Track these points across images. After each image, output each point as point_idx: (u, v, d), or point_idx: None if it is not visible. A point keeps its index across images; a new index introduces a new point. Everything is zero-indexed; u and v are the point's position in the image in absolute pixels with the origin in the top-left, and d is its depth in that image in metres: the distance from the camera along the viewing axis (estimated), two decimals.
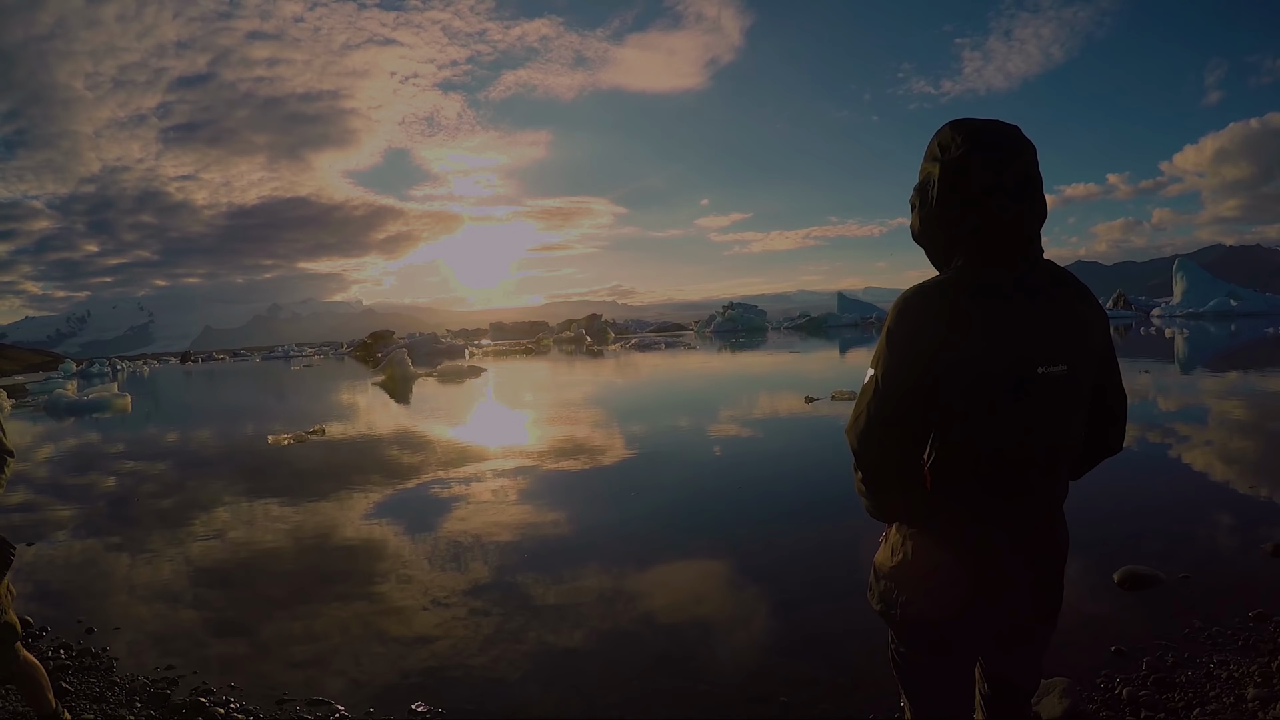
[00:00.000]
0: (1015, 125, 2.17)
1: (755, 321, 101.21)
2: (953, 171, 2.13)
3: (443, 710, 4.70)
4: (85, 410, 32.20)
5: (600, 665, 5.21)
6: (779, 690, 4.70)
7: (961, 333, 2.02)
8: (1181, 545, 6.85)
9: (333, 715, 4.69)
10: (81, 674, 5.42)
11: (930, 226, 2.21)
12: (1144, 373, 22.26)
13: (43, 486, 13.96)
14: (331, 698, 4.90)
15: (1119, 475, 9.59)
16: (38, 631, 6.36)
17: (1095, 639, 5.11)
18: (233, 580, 7.63)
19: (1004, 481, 2.12)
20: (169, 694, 5.04)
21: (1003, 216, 2.10)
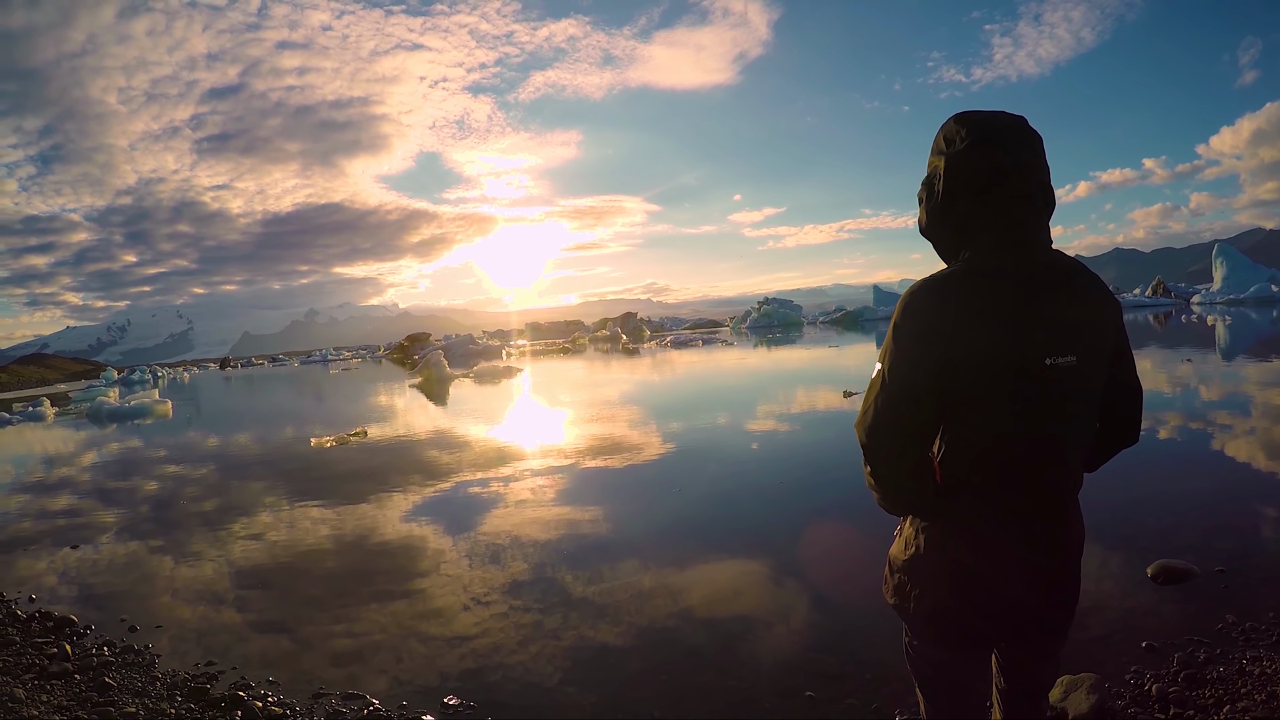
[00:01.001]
0: (1021, 116, 2.16)
1: (791, 316, 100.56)
2: (958, 165, 2.14)
3: (474, 704, 4.80)
4: (127, 416, 32.60)
5: (637, 662, 5.28)
6: (806, 685, 4.73)
7: (968, 326, 2.03)
8: (1218, 537, 6.71)
9: (367, 708, 4.81)
10: (124, 670, 5.63)
11: (936, 220, 2.23)
12: (1186, 361, 21.66)
13: (87, 491, 14.44)
14: (369, 693, 5.03)
15: (1157, 465, 9.54)
16: (82, 630, 6.61)
17: (1127, 634, 5.07)
18: (273, 580, 7.79)
19: (1014, 474, 2.12)
20: (209, 688, 5.20)
21: (1008, 208, 2.11)
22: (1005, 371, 2.03)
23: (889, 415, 2.12)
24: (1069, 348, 2.06)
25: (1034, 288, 2.07)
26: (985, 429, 2.09)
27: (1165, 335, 36.01)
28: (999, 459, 2.11)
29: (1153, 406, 14.03)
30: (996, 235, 2.12)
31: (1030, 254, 2.12)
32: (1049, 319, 2.06)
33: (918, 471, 2.15)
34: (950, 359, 2.03)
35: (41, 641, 6.32)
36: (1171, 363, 21.66)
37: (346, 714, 4.76)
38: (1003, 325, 2.02)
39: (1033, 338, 2.04)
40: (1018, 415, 2.07)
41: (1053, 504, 2.19)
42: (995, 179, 2.10)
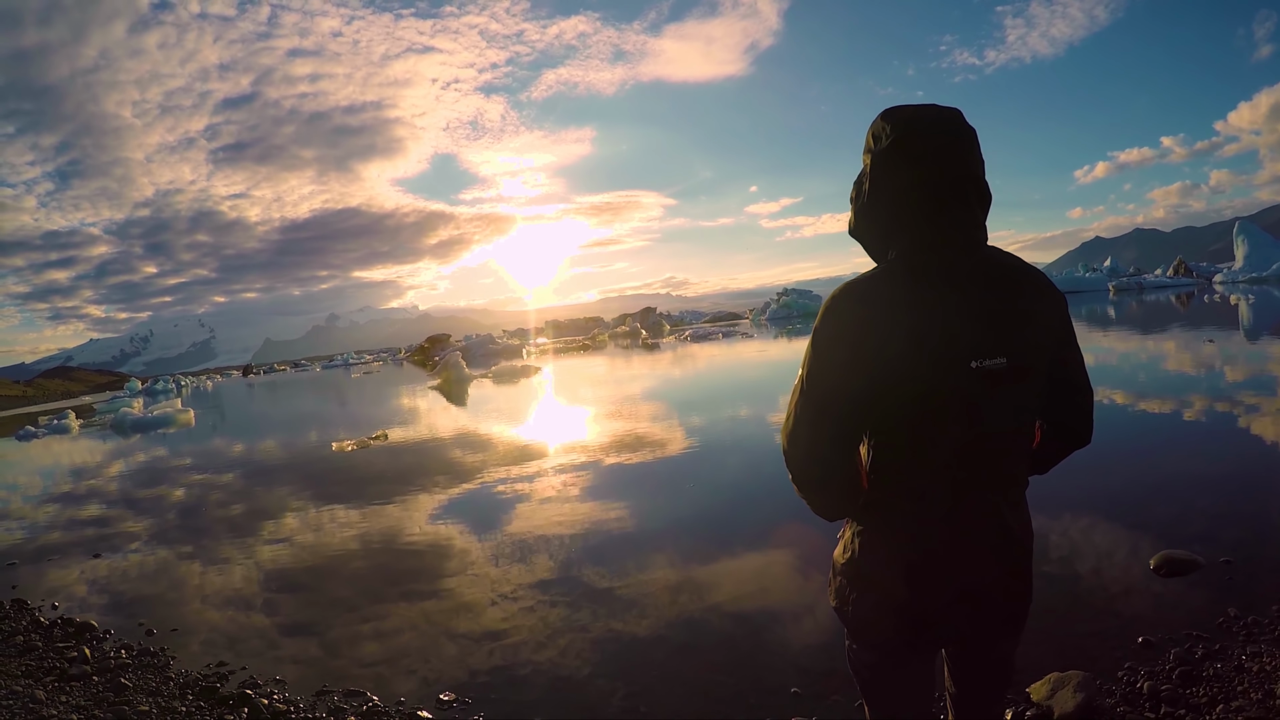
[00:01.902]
0: (954, 109, 2.09)
1: (811, 307, 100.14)
2: (881, 163, 2.09)
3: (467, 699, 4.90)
4: (150, 426, 33.01)
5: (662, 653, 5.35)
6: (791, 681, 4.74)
7: (889, 330, 1.98)
8: (1227, 526, 6.57)
9: (366, 704, 5.00)
10: (140, 671, 5.89)
11: (863, 221, 2.18)
12: (1208, 342, 21.43)
13: (109, 501, 14.84)
14: (397, 691, 5.20)
15: (1170, 450, 9.47)
16: (102, 635, 6.91)
17: (1123, 629, 4.98)
18: (289, 583, 8.04)
19: (945, 478, 2.08)
20: (219, 687, 5.45)
21: (933, 207, 2.05)
22: (928, 375, 1.98)
23: (809, 422, 2.08)
24: (998, 349, 2.00)
25: (960, 288, 2.02)
26: (911, 433, 2.05)
27: (1187, 316, 35.52)
28: (927, 463, 2.07)
29: (1172, 388, 13.95)
30: (921, 235, 2.06)
31: (957, 253, 2.05)
32: (975, 320, 2.00)
33: (842, 477, 2.11)
34: (871, 363, 1.99)
35: (63, 646, 6.59)
36: (1194, 344, 21.44)
37: (347, 710, 4.94)
38: (926, 328, 1.98)
39: (957, 340, 1.98)
40: (946, 419, 2.02)
41: (986, 507, 2.12)
42: (919, 177, 2.04)
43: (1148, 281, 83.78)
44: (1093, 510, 7.38)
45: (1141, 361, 19.30)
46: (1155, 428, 10.94)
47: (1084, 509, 7.44)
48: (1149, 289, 77.26)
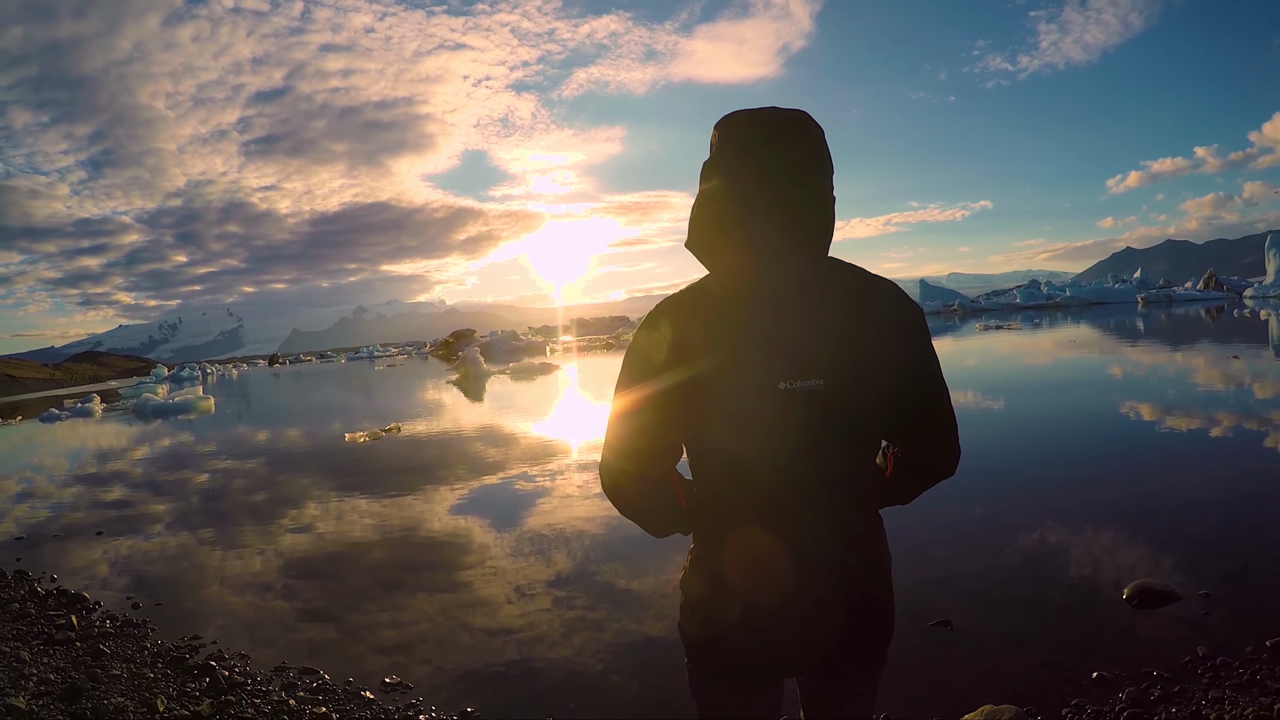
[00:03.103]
0: (797, 112, 1.95)
1: None
2: (708, 171, 1.98)
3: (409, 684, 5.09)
4: (171, 412, 33.39)
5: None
6: None
7: (698, 348, 1.89)
8: (1214, 556, 6.28)
9: (317, 682, 5.29)
10: (120, 640, 6.33)
11: (694, 232, 2.04)
12: (1234, 358, 21.07)
13: (120, 483, 15.31)
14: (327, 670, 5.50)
15: (1168, 471, 9.22)
16: (92, 606, 7.38)
17: (1079, 662, 4.75)
18: (272, 565, 8.40)
19: (764, 504, 1.97)
20: (187, 658, 5.84)
21: (756, 218, 1.92)
22: (735, 396, 1.88)
23: (622, 440, 1.98)
24: (813, 370, 1.87)
25: (775, 305, 1.90)
26: (726, 456, 1.96)
27: (1216, 330, 35.04)
28: (745, 487, 1.97)
29: (1187, 405, 13.69)
30: (740, 249, 1.95)
31: (779, 268, 1.93)
32: (788, 339, 1.88)
33: (658, 497, 2.04)
34: (680, 382, 1.89)
35: (54, 614, 7.06)
36: (1220, 359, 21.11)
37: (298, 685, 5.24)
38: (734, 346, 1.88)
39: (765, 360, 1.87)
40: (753, 442, 1.91)
41: (819, 536, 1.97)
42: (739, 188, 1.92)
43: (1177, 294, 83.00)
44: (1073, 529, 7.21)
45: (1162, 376, 19.01)
46: (1159, 446, 10.69)
47: (1064, 526, 7.28)
48: (1178, 301, 76.56)
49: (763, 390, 1.87)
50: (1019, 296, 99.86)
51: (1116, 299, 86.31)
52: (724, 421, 1.91)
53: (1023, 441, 11.92)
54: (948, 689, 4.63)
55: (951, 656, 5.03)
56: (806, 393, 1.87)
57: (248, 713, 4.86)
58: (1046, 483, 9.20)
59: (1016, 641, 5.14)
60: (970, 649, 5.10)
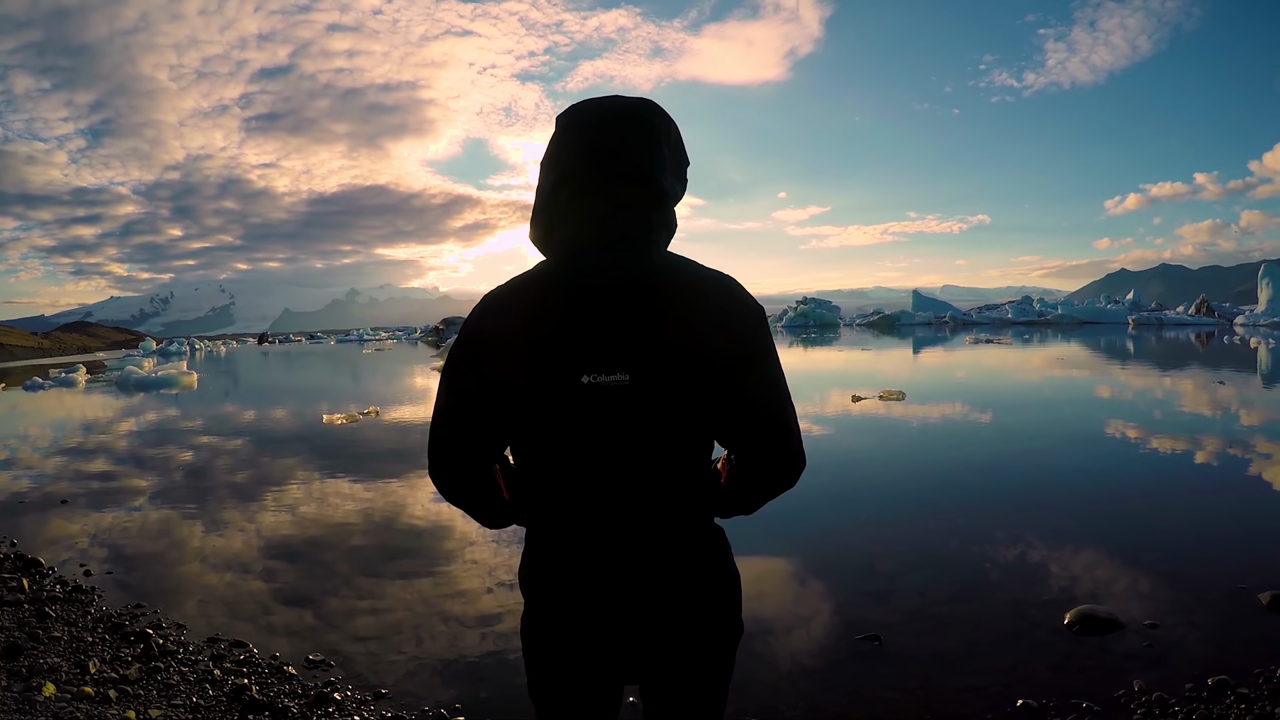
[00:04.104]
0: (638, 101, 1.93)
1: (827, 317, 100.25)
2: (543, 160, 1.96)
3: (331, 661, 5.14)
4: (152, 386, 33.28)
5: None
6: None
7: (511, 339, 1.87)
8: (1167, 586, 6.08)
9: (244, 654, 5.43)
10: (66, 604, 6.50)
11: (532, 226, 1.99)
12: (1220, 384, 21.15)
13: (90, 453, 15.37)
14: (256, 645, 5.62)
15: (1133, 495, 8.99)
16: (46, 571, 7.52)
17: (1006, 689, 4.53)
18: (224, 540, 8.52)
19: (574, 499, 1.93)
20: (126, 625, 5.97)
21: (576, 208, 1.88)
22: (541, 388, 1.86)
23: (441, 428, 1.99)
24: (619, 365, 1.82)
25: (586, 297, 1.86)
26: (537, 448, 1.93)
27: (1204, 356, 35.09)
28: (557, 482, 1.94)
29: (1162, 428, 13.55)
30: (563, 240, 1.90)
31: (595, 259, 1.86)
32: (595, 332, 1.84)
33: (477, 488, 2.01)
34: (493, 373, 1.89)
35: (7, 577, 7.19)
36: (1207, 385, 21.08)
37: (225, 657, 5.38)
38: (542, 338, 1.85)
39: (570, 352, 1.84)
40: (560, 435, 1.88)
41: (635, 538, 1.93)
42: (564, 177, 1.89)
43: (1168, 318, 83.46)
44: (1027, 549, 7.02)
45: (1142, 398, 18.92)
46: (1130, 469, 10.54)
47: (1018, 546, 7.10)
48: (1169, 325, 76.93)
49: (566, 384, 1.84)
50: (1011, 312, 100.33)
51: (1108, 319, 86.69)
52: (531, 414, 1.89)
53: (989, 457, 11.74)
54: (865, 707, 4.47)
55: (875, 673, 4.85)
56: (611, 388, 1.83)
57: (173, 679, 5.03)
58: (1007, 500, 9.00)
59: (946, 663, 4.93)
60: (896, 667, 4.92)
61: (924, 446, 12.70)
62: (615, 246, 1.85)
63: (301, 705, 4.69)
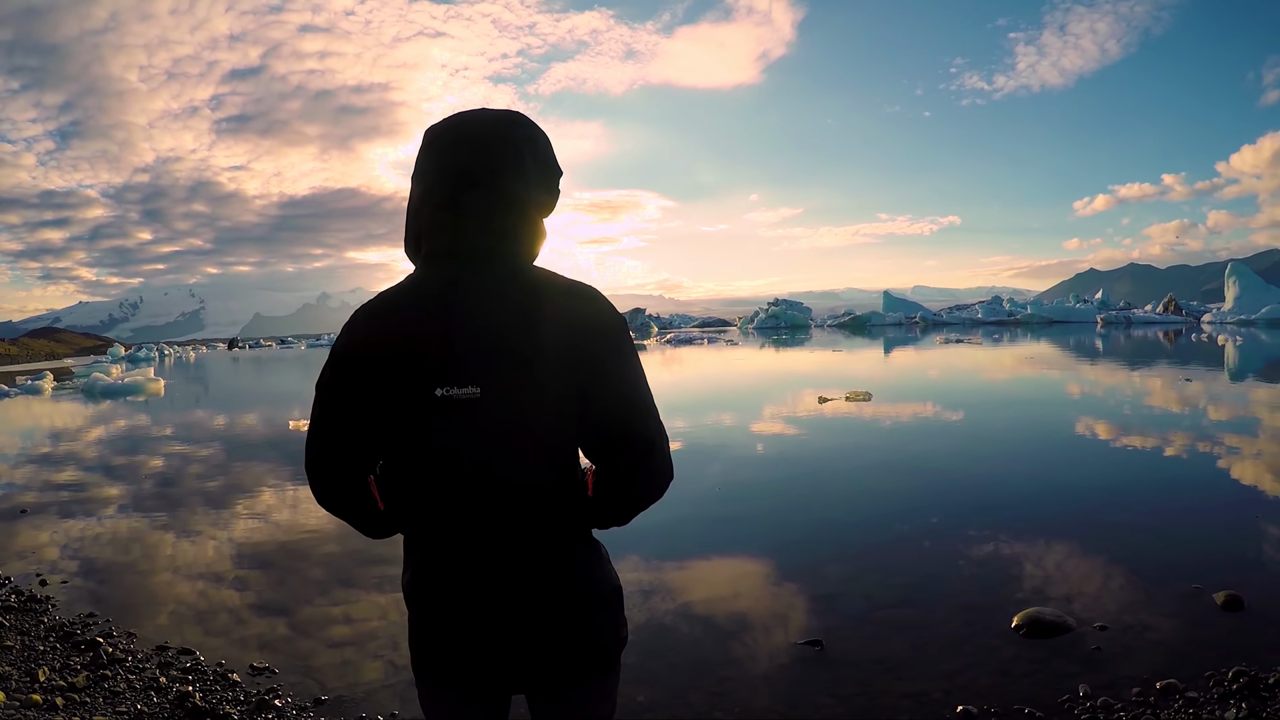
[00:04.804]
0: (501, 113, 1.99)
1: (799, 318, 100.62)
2: (413, 173, 2.01)
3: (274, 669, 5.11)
4: (119, 394, 32.96)
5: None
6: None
7: (373, 348, 1.90)
8: (1116, 585, 5.98)
9: (190, 661, 5.45)
10: (20, 614, 6.50)
11: (405, 233, 2.04)
12: (1187, 381, 21.28)
13: (51, 463, 15.11)
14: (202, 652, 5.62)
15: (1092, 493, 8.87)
16: (1, 581, 7.48)
17: (947, 694, 4.41)
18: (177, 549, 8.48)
19: (445, 514, 1.92)
20: (78, 633, 5.99)
21: (437, 219, 1.93)
22: (401, 403, 1.88)
23: (314, 442, 1.99)
24: (471, 378, 1.84)
25: (442, 311, 1.87)
26: (404, 462, 1.94)
27: (1171, 353, 35.39)
28: (424, 494, 1.93)
29: (1131, 426, 13.52)
30: (426, 251, 1.95)
31: (453, 272, 1.91)
32: (449, 346, 1.85)
33: (351, 499, 2.00)
34: (359, 388, 1.91)
35: None
36: (1174, 383, 21.16)
37: (173, 665, 5.38)
38: (401, 352, 1.87)
39: (425, 366, 1.85)
40: (423, 450, 1.89)
41: (490, 549, 1.92)
42: (430, 185, 1.95)
43: (1136, 317, 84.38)
44: (979, 550, 6.88)
45: (1106, 396, 18.97)
46: (1089, 468, 10.44)
47: (970, 547, 6.96)
48: (1137, 324, 77.77)
49: (422, 397, 1.86)
50: (981, 312, 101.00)
51: (1077, 318, 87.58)
52: (395, 426, 1.91)
53: (950, 457, 11.62)
54: (800, 713, 4.34)
55: (815, 679, 4.71)
56: (465, 401, 1.85)
57: (120, 686, 5.06)
58: (965, 500, 8.84)
59: (888, 668, 4.79)
60: (836, 672, 4.78)
61: (885, 448, 12.58)
62: (473, 260, 1.91)
63: (243, 712, 4.71)
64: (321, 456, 1.99)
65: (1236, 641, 4.99)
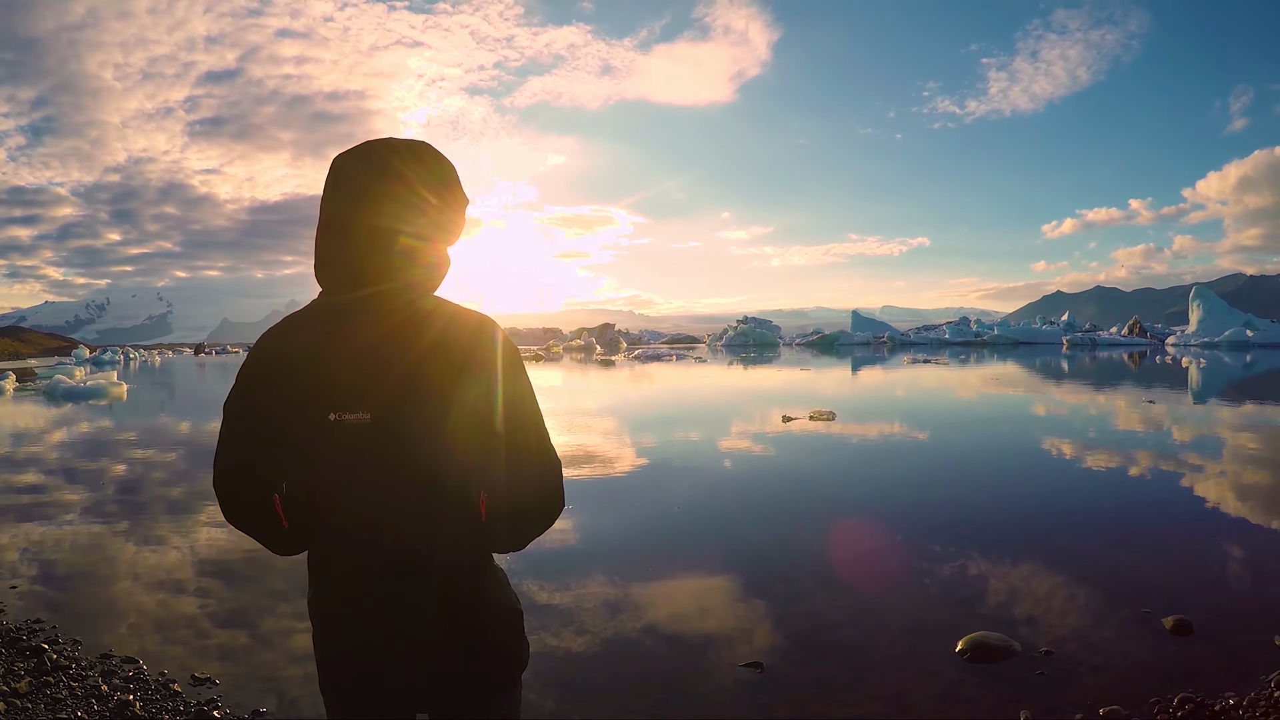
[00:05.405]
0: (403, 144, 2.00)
1: (768, 337, 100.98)
2: (321, 201, 2.05)
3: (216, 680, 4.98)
4: (81, 397, 32.46)
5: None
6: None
7: (275, 372, 1.95)
8: (1064, 609, 5.90)
9: (133, 669, 5.37)
10: None
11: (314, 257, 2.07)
12: (1150, 403, 21.55)
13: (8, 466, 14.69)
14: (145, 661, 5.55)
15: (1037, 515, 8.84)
16: None
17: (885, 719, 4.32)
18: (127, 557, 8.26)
19: (338, 535, 1.98)
20: (24, 639, 5.89)
21: (336, 248, 1.99)
22: (297, 423, 1.92)
23: (220, 460, 2.03)
24: (362, 404, 1.89)
25: (336, 337, 1.93)
26: (299, 483, 1.97)
27: (1136, 375, 35.87)
28: (322, 515, 1.97)
29: (1091, 448, 13.56)
30: (327, 278, 2.01)
31: (348, 299, 1.97)
32: (342, 371, 1.90)
33: (256, 517, 2.03)
34: (261, 410, 1.97)
35: None
36: (1137, 404, 21.38)
37: (115, 673, 5.31)
38: (299, 372, 1.92)
39: (320, 391, 1.90)
40: (318, 472, 1.94)
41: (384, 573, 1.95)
42: (331, 219, 1.99)
43: (1102, 339, 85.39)
44: (928, 573, 6.79)
45: (1073, 419, 19.11)
46: (1044, 490, 10.45)
47: (919, 569, 6.88)
48: (1102, 346, 78.69)
49: (317, 421, 1.90)
50: (948, 332, 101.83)
51: (1043, 339, 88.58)
52: (295, 449, 1.95)
53: (907, 478, 11.61)
54: None
55: (752, 701, 4.61)
56: (355, 426, 1.89)
57: (61, 693, 5.02)
58: (918, 522, 8.75)
59: (829, 691, 4.68)
60: (775, 694, 4.67)
61: (845, 468, 12.54)
62: (368, 287, 1.95)
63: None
64: (226, 474, 2.02)
65: (1184, 667, 4.93)
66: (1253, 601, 6.14)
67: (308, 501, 1.98)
